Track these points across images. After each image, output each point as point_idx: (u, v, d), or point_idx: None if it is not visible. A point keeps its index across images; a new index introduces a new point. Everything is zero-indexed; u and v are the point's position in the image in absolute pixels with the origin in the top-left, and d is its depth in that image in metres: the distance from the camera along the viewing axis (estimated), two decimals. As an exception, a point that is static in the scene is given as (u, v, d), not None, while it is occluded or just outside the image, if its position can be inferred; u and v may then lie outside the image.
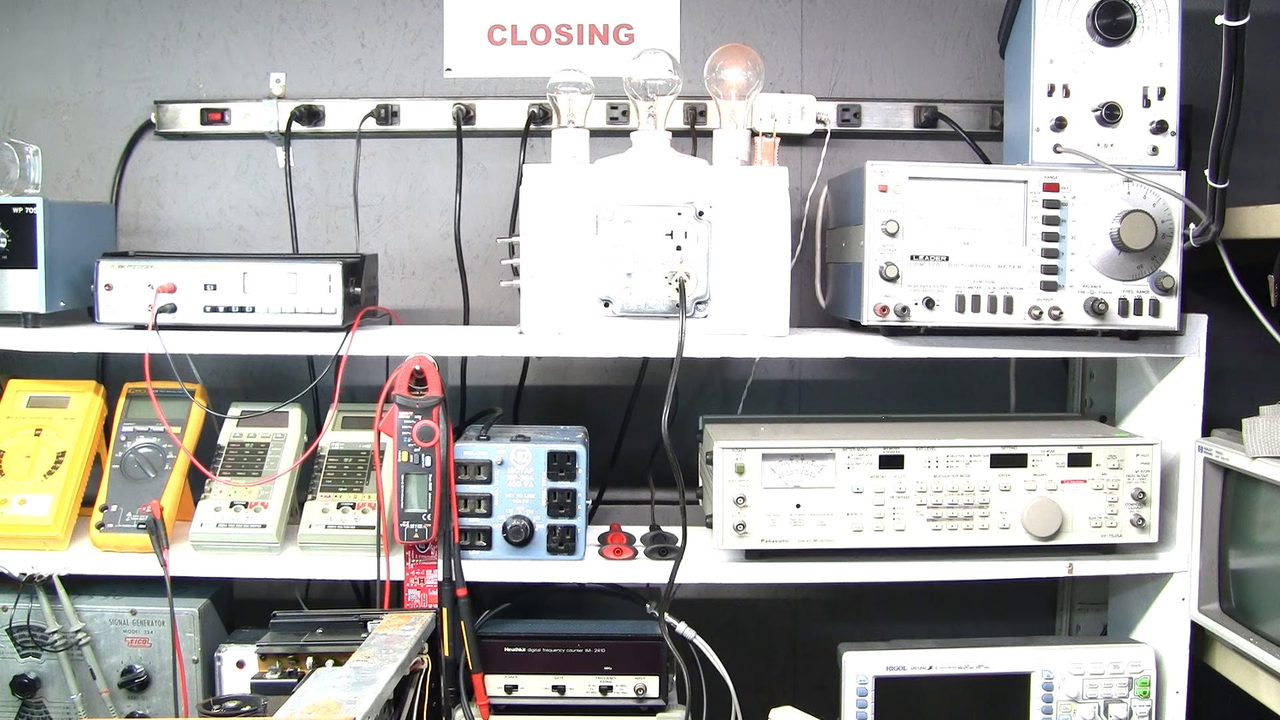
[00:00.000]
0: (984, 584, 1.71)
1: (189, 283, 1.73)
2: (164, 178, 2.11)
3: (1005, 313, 1.64)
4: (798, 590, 2.14)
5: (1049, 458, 1.69)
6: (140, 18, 2.09)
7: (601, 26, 2.08)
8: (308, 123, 2.05)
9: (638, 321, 1.68)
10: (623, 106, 2.01)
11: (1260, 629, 1.59)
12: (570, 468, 1.71)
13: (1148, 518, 1.69)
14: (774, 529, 1.68)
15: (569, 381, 2.14)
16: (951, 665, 1.71)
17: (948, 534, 1.69)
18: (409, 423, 1.62)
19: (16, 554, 1.68)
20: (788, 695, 1.94)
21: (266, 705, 1.34)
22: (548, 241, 1.67)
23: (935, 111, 2.05)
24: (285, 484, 1.77)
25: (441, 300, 2.12)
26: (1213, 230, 1.58)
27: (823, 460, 1.68)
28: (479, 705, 1.72)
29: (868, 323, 1.64)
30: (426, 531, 1.64)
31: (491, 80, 2.09)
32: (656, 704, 1.75)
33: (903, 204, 1.63)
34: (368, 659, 1.43)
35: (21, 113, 2.10)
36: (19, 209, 1.72)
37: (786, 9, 2.09)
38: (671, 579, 1.64)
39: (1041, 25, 1.68)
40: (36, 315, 1.74)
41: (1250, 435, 1.57)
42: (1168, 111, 1.68)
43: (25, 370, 1.86)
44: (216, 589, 1.78)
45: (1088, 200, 1.64)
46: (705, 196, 1.67)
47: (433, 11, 2.09)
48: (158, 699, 1.72)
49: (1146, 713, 1.72)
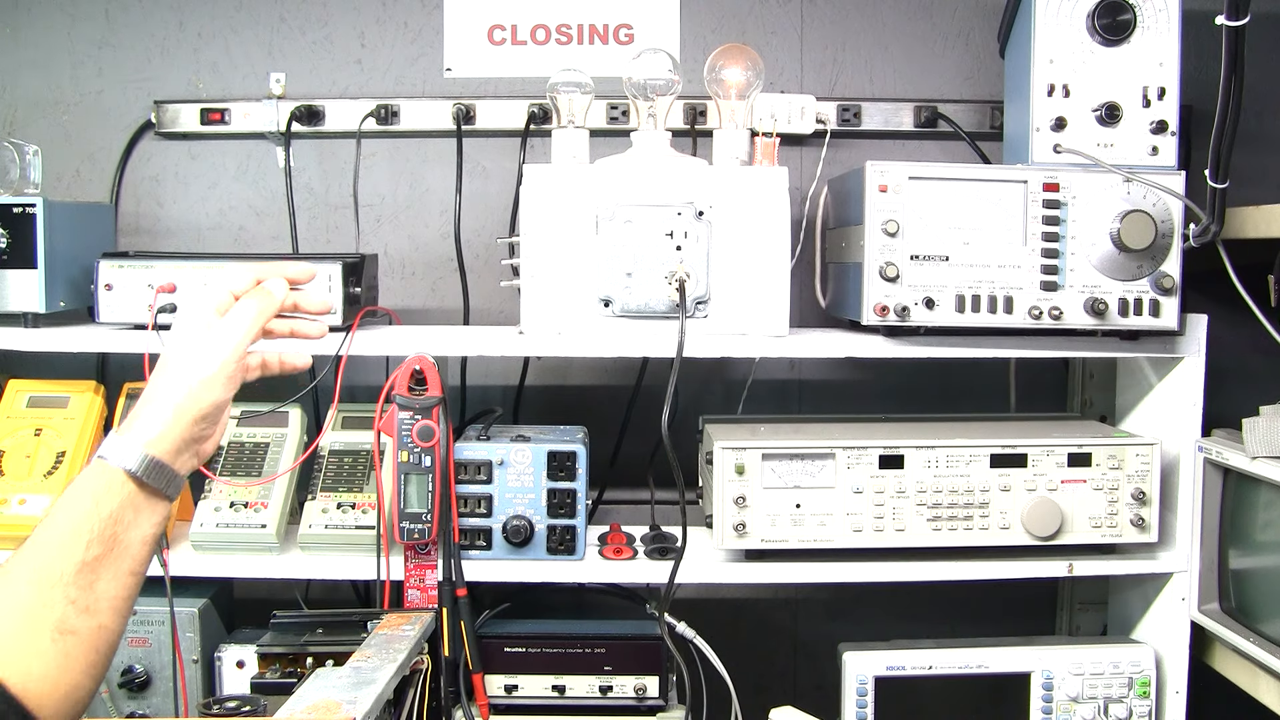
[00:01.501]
0: (984, 584, 1.71)
1: (189, 283, 1.72)
2: (164, 178, 2.11)
3: (1005, 313, 1.64)
4: (798, 590, 2.13)
5: (1049, 458, 1.69)
6: (140, 18, 2.09)
7: (601, 26, 2.08)
8: (308, 123, 2.05)
9: (638, 321, 1.68)
10: (623, 106, 2.01)
11: (1260, 629, 1.59)
12: (570, 468, 1.71)
13: (1148, 518, 1.69)
14: (774, 529, 1.68)
15: (569, 381, 2.14)
16: (951, 665, 1.71)
17: (948, 534, 1.69)
18: (409, 423, 1.62)
19: (16, 554, 1.68)
20: (788, 695, 1.94)
21: (266, 705, 1.34)
22: (548, 241, 1.67)
23: (935, 111, 2.04)
24: (285, 484, 1.77)
25: (441, 300, 2.12)
26: (1213, 230, 1.58)
27: (823, 460, 1.68)
28: (479, 705, 1.72)
29: (868, 323, 1.64)
30: (426, 531, 1.64)
31: (491, 80, 2.09)
32: (656, 704, 1.75)
33: (903, 204, 1.63)
34: (368, 659, 1.43)
35: (21, 113, 2.10)
36: (19, 209, 1.71)
37: (786, 9, 2.09)
38: (671, 579, 1.64)
39: (1041, 25, 1.68)
40: (36, 315, 1.74)
41: (1250, 435, 1.57)
42: (1168, 111, 1.68)
43: (25, 370, 1.86)
44: (216, 589, 1.78)
45: (1088, 200, 1.64)
46: (705, 196, 1.67)
47: (433, 11, 2.09)
48: (158, 699, 1.72)
49: (1146, 713, 1.72)
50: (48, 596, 0.92)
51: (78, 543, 0.94)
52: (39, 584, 0.92)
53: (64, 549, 0.94)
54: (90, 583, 0.93)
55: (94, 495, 0.97)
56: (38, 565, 0.93)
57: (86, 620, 0.93)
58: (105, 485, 0.98)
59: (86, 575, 0.93)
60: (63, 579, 0.92)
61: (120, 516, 0.96)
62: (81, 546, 0.94)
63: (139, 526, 0.98)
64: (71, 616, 0.92)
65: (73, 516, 0.95)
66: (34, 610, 0.91)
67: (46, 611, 0.91)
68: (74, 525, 0.95)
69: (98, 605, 0.94)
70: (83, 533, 0.94)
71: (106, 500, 0.97)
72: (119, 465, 0.99)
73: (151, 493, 1.00)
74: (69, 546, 0.94)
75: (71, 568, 0.93)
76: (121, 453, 0.99)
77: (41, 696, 0.89)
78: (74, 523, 0.95)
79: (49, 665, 0.91)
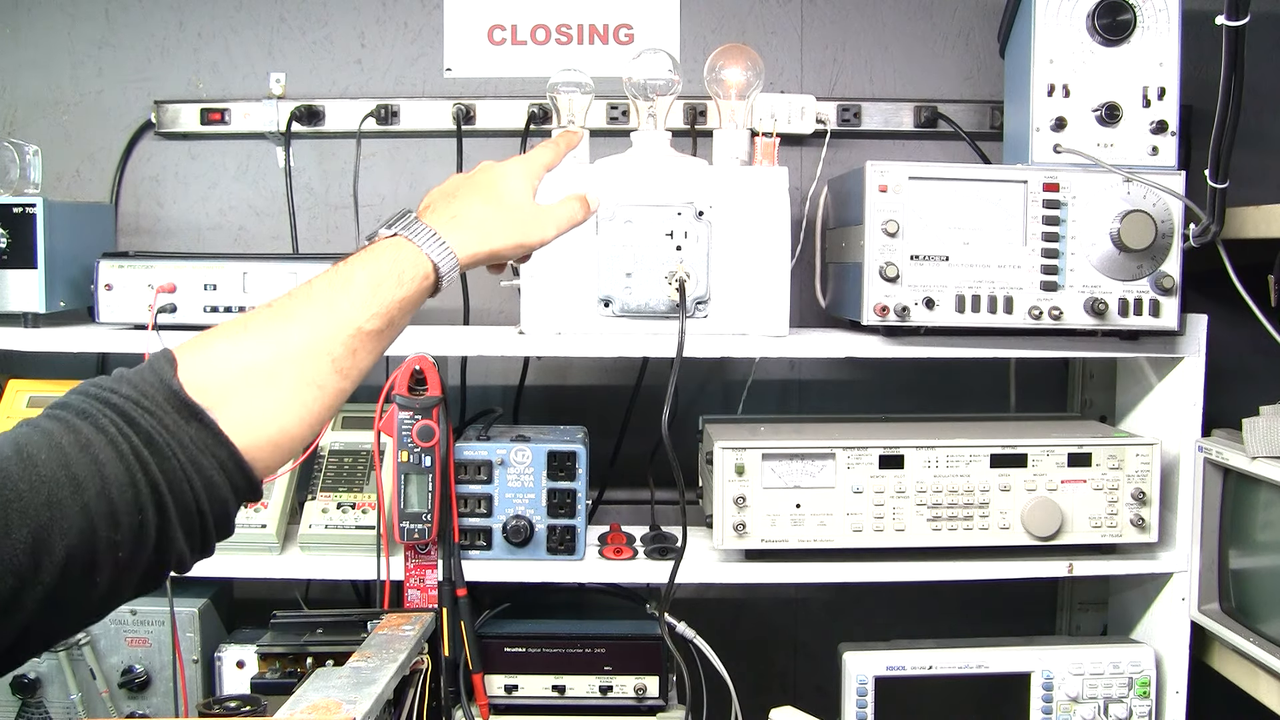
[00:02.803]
0: (984, 584, 1.71)
1: (189, 283, 1.73)
2: (164, 178, 2.11)
3: (1005, 313, 1.64)
4: (798, 590, 2.13)
5: (1049, 458, 1.69)
6: (140, 18, 2.08)
7: (601, 26, 2.08)
8: (308, 123, 2.05)
9: (638, 321, 1.68)
10: (623, 106, 2.01)
11: (1260, 629, 1.59)
12: (570, 468, 1.71)
13: (1148, 518, 1.69)
14: (774, 529, 1.68)
15: (569, 381, 2.14)
16: (951, 665, 1.71)
17: (948, 534, 1.69)
18: (409, 423, 1.62)
19: (16, 554, 1.68)
20: (788, 695, 1.94)
21: (266, 705, 1.34)
22: (548, 241, 1.67)
23: (935, 111, 2.04)
24: (285, 484, 1.77)
25: (441, 300, 2.10)
26: (1213, 230, 1.58)
27: (823, 460, 1.68)
28: (479, 705, 1.72)
29: (868, 323, 1.64)
30: (426, 531, 1.64)
31: (491, 80, 2.09)
32: (656, 704, 1.75)
33: (903, 204, 1.63)
34: (368, 659, 1.43)
35: (21, 113, 2.10)
36: (19, 209, 1.71)
37: (786, 9, 2.09)
38: (671, 579, 1.64)
39: (1041, 25, 1.68)
40: (36, 315, 1.74)
41: (1250, 435, 1.57)
42: (1168, 111, 1.68)
43: (25, 370, 1.86)
44: (216, 589, 1.79)
45: (1088, 200, 1.64)
46: (705, 196, 1.67)
47: (433, 11, 2.09)
48: (158, 699, 1.72)
49: (1146, 713, 1.72)
50: (319, 346, 0.92)
51: (368, 310, 0.95)
52: (316, 332, 0.92)
53: (354, 310, 0.94)
54: (355, 349, 0.94)
55: (399, 275, 0.98)
56: (322, 312, 0.93)
57: (338, 382, 0.93)
58: (413, 272, 0.99)
59: (358, 341, 0.94)
60: (339, 336, 0.93)
61: (413, 303, 0.99)
62: (369, 315, 0.94)
63: (410, 314, 1.01)
64: (327, 373, 0.92)
65: (375, 285, 0.96)
66: (300, 357, 0.91)
67: (311, 362, 0.91)
68: (372, 293, 0.95)
69: (351, 371, 0.94)
70: (375, 304, 0.95)
71: (409, 285, 0.98)
72: (433, 261, 1.01)
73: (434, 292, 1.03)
74: (359, 310, 0.94)
75: (351, 330, 0.93)
76: (441, 254, 1.02)
77: (263, 445, 0.88)
78: (373, 291, 0.96)
79: (287, 415, 0.90)
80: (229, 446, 0.85)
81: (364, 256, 0.99)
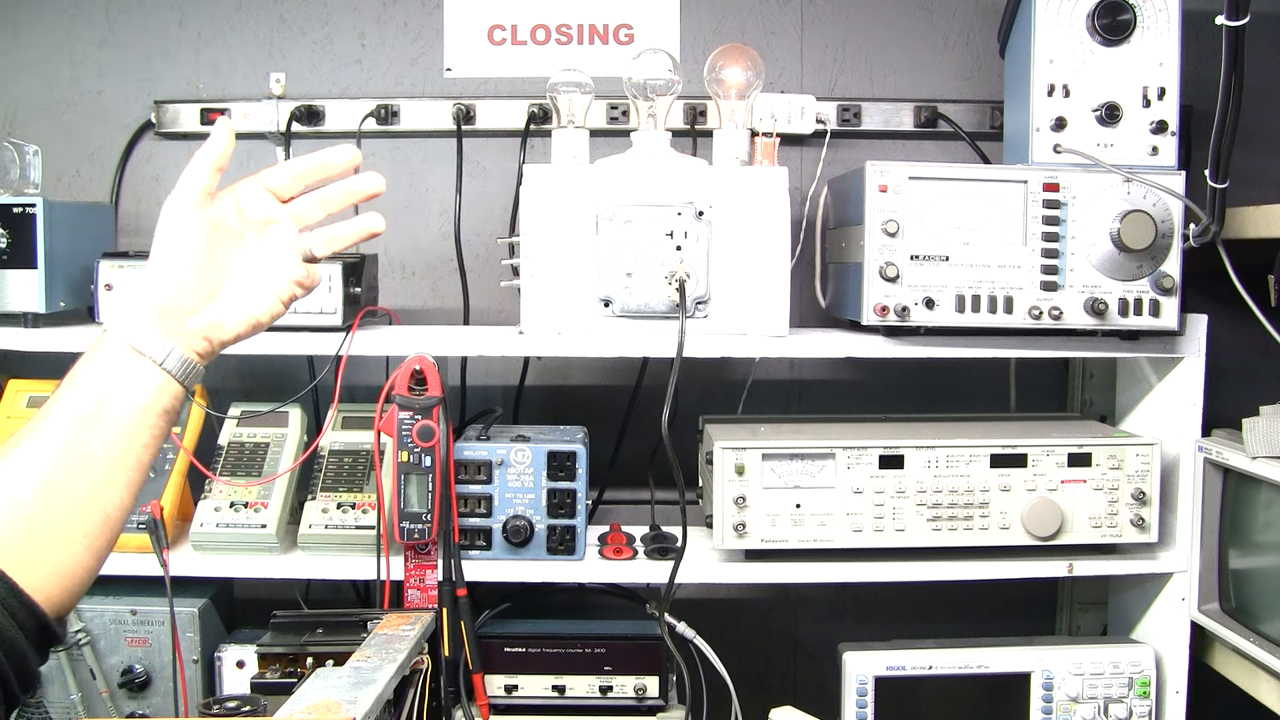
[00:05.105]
0: (984, 584, 1.71)
1: (189, 283, 1.72)
2: (164, 178, 2.11)
3: (1005, 313, 1.64)
4: (798, 590, 2.13)
5: (1049, 458, 1.69)
6: (140, 18, 2.09)
7: (601, 26, 2.08)
8: (308, 123, 2.05)
9: (638, 321, 1.68)
10: (623, 106, 2.01)
11: (1260, 629, 1.59)
12: (570, 468, 1.71)
13: (1148, 518, 1.69)
14: (774, 529, 1.68)
15: (569, 381, 2.14)
16: (951, 665, 1.71)
17: (948, 534, 1.69)
18: (409, 423, 1.62)
19: (16, 554, 1.68)
20: (788, 695, 1.94)
21: (266, 705, 1.34)
22: (548, 241, 1.67)
23: (935, 111, 2.05)
24: (285, 484, 1.77)
25: (441, 300, 2.12)
26: (1213, 230, 1.58)
27: (823, 460, 1.68)
28: (479, 705, 1.72)
29: (868, 323, 1.64)
30: (426, 531, 1.64)
31: (491, 80, 2.09)
32: (656, 704, 1.75)
33: (903, 204, 1.63)
34: (368, 659, 1.43)
35: (21, 113, 2.10)
36: (19, 209, 1.71)
37: (786, 9, 2.09)
38: (671, 579, 1.64)
39: (1041, 25, 1.68)
40: (36, 315, 1.74)
41: (1250, 435, 1.57)
42: (1168, 111, 1.68)
43: (25, 370, 1.85)
44: (216, 589, 1.79)
45: (1088, 200, 1.64)
46: (705, 196, 1.67)
47: (433, 11, 2.09)
48: (158, 699, 1.72)
49: (1146, 713, 1.72)
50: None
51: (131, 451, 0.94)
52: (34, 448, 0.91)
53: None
54: (81, 439, 0.92)
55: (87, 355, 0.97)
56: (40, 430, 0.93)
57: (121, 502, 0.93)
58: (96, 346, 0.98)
59: (78, 429, 0.92)
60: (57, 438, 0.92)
61: (101, 373, 0.96)
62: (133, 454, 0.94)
63: (125, 390, 0.96)
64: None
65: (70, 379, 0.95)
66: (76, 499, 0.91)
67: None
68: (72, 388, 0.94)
69: (132, 490, 0.94)
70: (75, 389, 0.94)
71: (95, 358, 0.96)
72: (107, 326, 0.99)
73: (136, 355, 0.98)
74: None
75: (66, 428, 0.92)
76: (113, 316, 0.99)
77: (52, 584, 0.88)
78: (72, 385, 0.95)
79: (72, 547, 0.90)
80: (12, 588, 0.84)
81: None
